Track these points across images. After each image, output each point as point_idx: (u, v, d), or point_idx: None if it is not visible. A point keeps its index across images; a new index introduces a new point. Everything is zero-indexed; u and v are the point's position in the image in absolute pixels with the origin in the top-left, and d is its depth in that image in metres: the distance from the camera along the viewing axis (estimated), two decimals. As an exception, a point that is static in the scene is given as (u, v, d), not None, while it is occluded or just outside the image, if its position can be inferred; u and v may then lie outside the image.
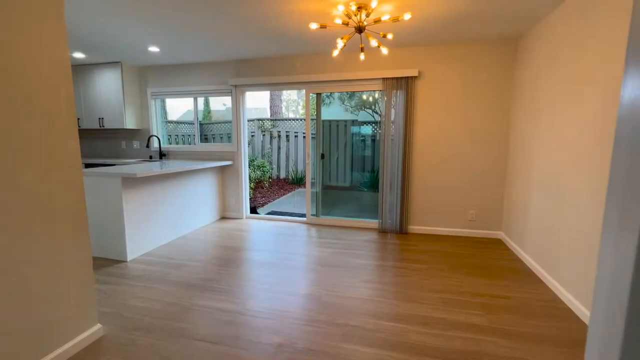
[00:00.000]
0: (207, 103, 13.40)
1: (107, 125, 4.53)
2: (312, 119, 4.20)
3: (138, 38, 3.34)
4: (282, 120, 8.03)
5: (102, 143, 5.05)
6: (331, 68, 3.91)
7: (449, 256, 3.14)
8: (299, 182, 7.63)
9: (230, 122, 8.21)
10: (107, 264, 2.92)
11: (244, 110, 4.38)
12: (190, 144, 5.33)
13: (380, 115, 3.87)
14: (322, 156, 4.60)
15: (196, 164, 3.78)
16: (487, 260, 3.05)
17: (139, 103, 4.68)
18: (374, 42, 2.42)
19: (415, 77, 3.65)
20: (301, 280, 2.61)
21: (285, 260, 3.04)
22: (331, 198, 6.04)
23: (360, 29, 2.39)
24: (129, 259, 3.00)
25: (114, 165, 4.29)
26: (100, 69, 4.44)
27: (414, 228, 3.91)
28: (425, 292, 2.42)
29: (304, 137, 7.51)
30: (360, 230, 4.03)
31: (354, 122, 7.00)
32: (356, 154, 6.83)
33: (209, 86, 4.36)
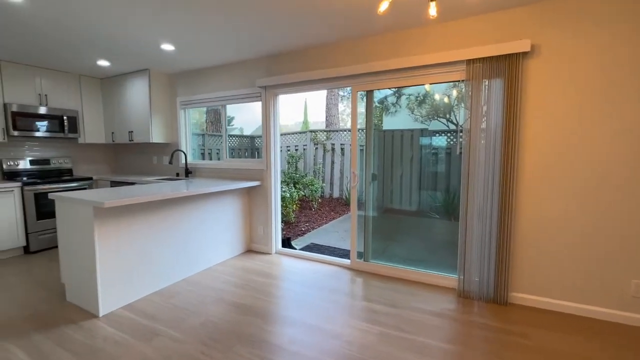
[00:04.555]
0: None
1: (136, 139, 4.12)
2: (373, 129, 3.10)
3: (146, 32, 2.72)
4: (337, 131, 7.05)
5: (134, 158, 4.72)
6: (385, 53, 2.77)
7: (605, 377, 1.65)
8: (360, 200, 6.49)
9: (294, 133, 7.61)
10: (74, 318, 2.22)
11: (276, 119, 3.49)
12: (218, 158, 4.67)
13: (455, 123, 2.57)
14: (374, 177, 3.44)
15: (211, 186, 2.98)
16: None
17: (169, 114, 4.19)
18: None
19: (526, 53, 2.26)
20: (314, 404, 1.48)
21: (309, 344, 1.94)
22: (390, 226, 4.75)
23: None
24: (101, 314, 2.26)
25: (133, 184, 3.80)
26: (130, 79, 4.07)
27: (521, 297, 2.43)
28: None
29: (361, 149, 6.39)
30: (429, 288, 2.71)
31: (423, 132, 5.63)
32: (426, 170, 5.43)
33: (238, 90, 3.60)
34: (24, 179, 3.72)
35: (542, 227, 2.34)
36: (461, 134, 2.59)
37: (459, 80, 2.56)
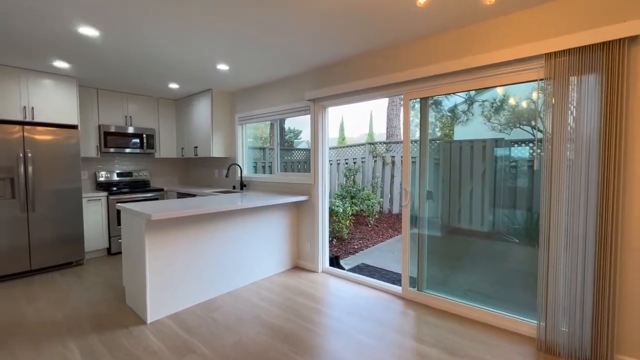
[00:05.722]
0: (342, 129, 13.46)
1: (200, 153, 4.44)
2: (434, 140, 2.81)
3: (204, 54, 2.91)
4: (398, 143, 6.66)
5: (199, 171, 5.10)
6: (442, 55, 2.44)
7: None
8: (414, 220, 5.98)
9: (353, 145, 7.50)
10: (127, 323, 2.37)
11: (325, 131, 3.38)
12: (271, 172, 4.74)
13: (542, 131, 2.10)
14: (429, 195, 3.06)
15: (258, 201, 2.99)
16: None
17: (229, 130, 4.43)
18: None
19: (634, 38, 1.73)
20: None
21: (333, 384, 1.71)
22: (453, 250, 4.15)
23: None
24: (149, 320, 2.37)
25: (194, 195, 4.07)
26: (197, 98, 4.44)
27: (633, 363, 1.80)
28: None
29: (415, 162, 5.81)
30: (499, 334, 2.22)
31: (498, 142, 4.89)
32: (501, 185, 4.68)
33: (289, 105, 3.61)
34: (113, 189, 4.29)
35: (666, 269, 1.71)
36: (540, 143, 2.11)
37: (535, 80, 2.10)
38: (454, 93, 2.78)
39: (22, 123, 3.36)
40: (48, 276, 3.35)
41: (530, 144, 4.03)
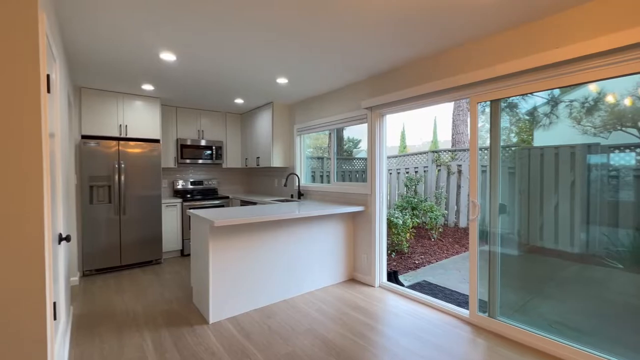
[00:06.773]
0: (403, 137, 13.10)
1: (261, 164, 4.67)
2: (508, 146, 2.53)
3: (265, 69, 3.07)
4: (464, 151, 6.13)
5: (261, 180, 5.35)
6: (514, 52, 2.16)
7: None
8: (484, 236, 5.39)
9: (414, 154, 7.19)
10: (192, 321, 2.55)
11: (382, 140, 3.26)
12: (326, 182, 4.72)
13: None
14: (502, 209, 2.72)
15: (312, 210, 3.00)
16: None
17: (288, 141, 4.58)
18: None
19: None
20: None
21: (388, 413, 1.57)
22: (534, 273, 3.59)
23: None
24: (211, 321, 2.51)
25: (255, 203, 4.26)
26: (259, 112, 4.71)
27: None
28: None
29: (482, 171, 5.17)
30: (596, 381, 1.81)
31: (592, 148, 4.16)
32: (597, 199, 3.94)
33: (345, 114, 3.59)
34: (187, 196, 4.75)
35: None
36: (653, 149, 1.71)
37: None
38: (531, 93, 2.45)
39: (118, 139, 3.94)
40: (133, 272, 3.81)
41: (638, 150, 3.33)
